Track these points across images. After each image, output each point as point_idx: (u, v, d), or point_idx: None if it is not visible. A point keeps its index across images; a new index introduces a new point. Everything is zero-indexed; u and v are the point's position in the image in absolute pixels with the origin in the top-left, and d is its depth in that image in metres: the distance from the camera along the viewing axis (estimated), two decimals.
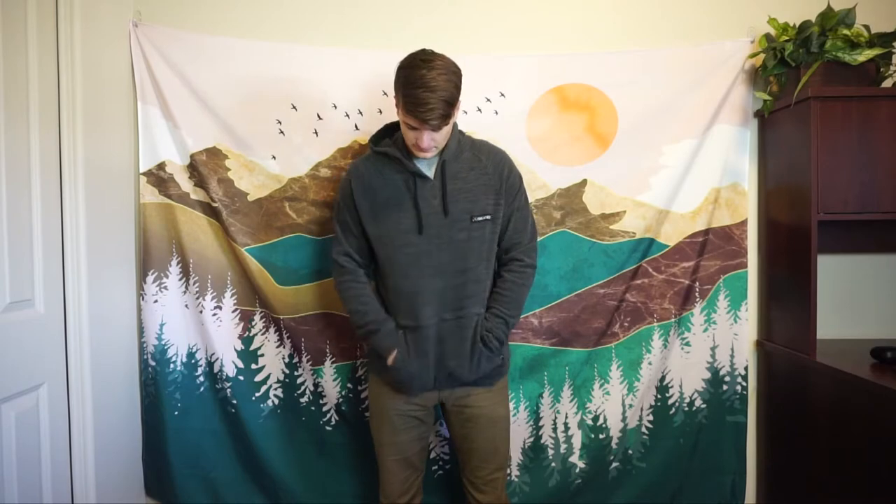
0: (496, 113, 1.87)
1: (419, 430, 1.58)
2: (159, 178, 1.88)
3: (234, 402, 1.90)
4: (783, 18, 1.80)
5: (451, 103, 1.36)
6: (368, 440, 1.92)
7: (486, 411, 1.54)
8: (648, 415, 1.94)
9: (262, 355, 1.92)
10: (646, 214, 1.88)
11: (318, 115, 1.87)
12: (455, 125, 1.49)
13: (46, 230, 1.55)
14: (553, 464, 1.91)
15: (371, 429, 1.63)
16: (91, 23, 1.68)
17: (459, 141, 1.51)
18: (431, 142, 1.39)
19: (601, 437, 1.91)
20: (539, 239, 1.77)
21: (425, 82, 1.31)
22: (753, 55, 1.87)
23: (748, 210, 1.92)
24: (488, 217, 1.48)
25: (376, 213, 1.50)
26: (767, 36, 1.82)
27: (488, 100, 1.86)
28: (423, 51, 1.39)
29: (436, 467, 1.92)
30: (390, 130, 1.58)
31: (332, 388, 1.90)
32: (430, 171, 1.48)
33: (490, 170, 1.50)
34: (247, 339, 1.92)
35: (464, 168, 1.49)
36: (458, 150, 1.50)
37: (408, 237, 1.47)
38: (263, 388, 1.92)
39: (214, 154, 1.87)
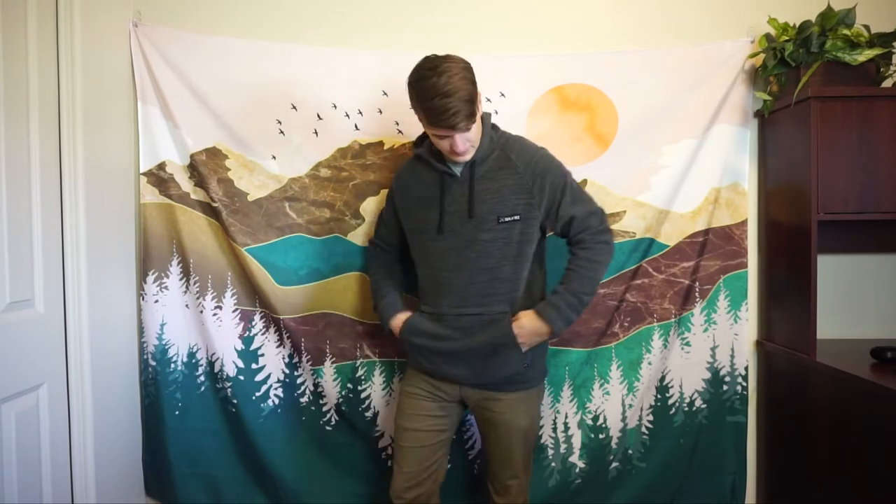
0: (496, 113, 1.86)
1: (435, 420, 1.55)
2: (159, 178, 1.88)
3: (235, 401, 1.90)
4: (783, 18, 1.80)
5: (472, 101, 1.33)
6: (368, 440, 1.93)
7: (506, 419, 1.51)
8: (648, 415, 1.94)
9: (262, 355, 1.92)
10: (646, 214, 1.88)
11: (318, 115, 1.87)
12: (487, 122, 1.48)
13: (46, 230, 1.55)
14: (553, 464, 1.91)
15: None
16: (91, 23, 1.68)
17: (492, 139, 1.48)
18: (466, 143, 1.39)
19: (601, 437, 1.91)
20: None
21: (438, 90, 1.29)
22: (753, 55, 1.87)
23: (748, 210, 1.91)
24: (517, 217, 1.44)
25: (409, 211, 1.56)
26: (767, 36, 1.82)
27: (488, 100, 1.86)
28: (426, 58, 1.36)
29: None
30: None
31: (331, 388, 1.90)
32: (459, 171, 1.48)
33: (521, 169, 1.45)
34: (247, 339, 1.92)
35: (493, 168, 1.46)
36: (490, 148, 1.47)
37: (434, 234, 1.49)
38: (264, 388, 1.92)
39: (214, 154, 1.87)
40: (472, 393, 1.52)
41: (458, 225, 1.46)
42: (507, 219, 1.44)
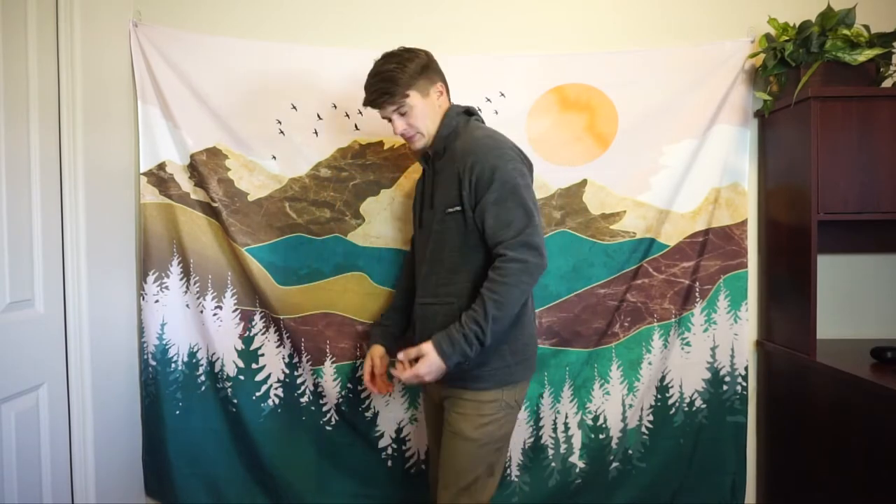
0: (496, 113, 1.86)
1: (436, 422, 1.55)
2: (159, 178, 1.88)
3: (235, 401, 1.90)
4: (783, 18, 1.80)
5: (393, 81, 1.39)
6: (368, 440, 1.92)
7: (453, 420, 1.41)
8: (648, 415, 1.94)
9: (262, 355, 1.92)
10: (646, 214, 1.88)
11: (318, 115, 1.87)
12: (451, 115, 1.46)
13: (46, 230, 1.55)
14: (553, 464, 1.91)
15: None
16: (91, 23, 1.68)
17: (459, 135, 1.45)
18: (407, 128, 1.44)
19: (601, 437, 1.91)
20: None
21: (370, 72, 1.42)
22: (753, 55, 1.87)
23: (748, 210, 1.92)
24: (458, 208, 1.39)
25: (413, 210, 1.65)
26: (767, 36, 1.82)
27: (488, 100, 1.86)
28: None
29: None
30: None
31: (331, 388, 1.90)
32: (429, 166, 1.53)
33: (458, 157, 1.40)
34: (247, 339, 1.92)
35: (448, 160, 1.45)
36: (450, 140, 1.45)
37: (417, 228, 1.57)
38: (264, 388, 1.92)
39: (214, 154, 1.87)
40: (435, 389, 1.50)
41: (427, 218, 1.51)
42: (450, 209, 1.41)
